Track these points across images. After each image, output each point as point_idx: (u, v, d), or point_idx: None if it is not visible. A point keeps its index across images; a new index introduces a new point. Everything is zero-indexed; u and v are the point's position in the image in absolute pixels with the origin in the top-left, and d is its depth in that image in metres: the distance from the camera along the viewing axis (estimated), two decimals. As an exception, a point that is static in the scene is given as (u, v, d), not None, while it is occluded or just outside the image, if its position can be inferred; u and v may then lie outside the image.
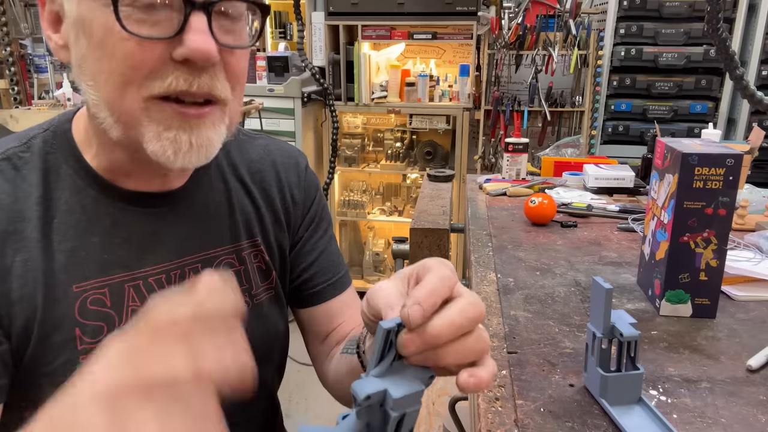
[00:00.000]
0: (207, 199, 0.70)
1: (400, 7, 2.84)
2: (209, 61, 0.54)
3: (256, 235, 0.74)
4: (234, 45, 0.57)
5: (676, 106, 2.81)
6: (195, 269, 0.68)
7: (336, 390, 0.78)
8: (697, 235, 0.77)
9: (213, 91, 0.56)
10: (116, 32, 0.52)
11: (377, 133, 3.29)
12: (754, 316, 0.83)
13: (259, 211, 0.75)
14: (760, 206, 1.29)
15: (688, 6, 2.71)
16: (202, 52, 0.53)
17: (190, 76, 0.54)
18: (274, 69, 2.85)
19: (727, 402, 0.62)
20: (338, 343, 0.79)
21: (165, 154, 0.56)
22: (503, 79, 3.11)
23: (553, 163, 1.80)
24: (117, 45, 0.53)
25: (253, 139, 0.80)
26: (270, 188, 0.77)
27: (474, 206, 1.38)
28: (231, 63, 0.58)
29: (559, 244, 1.12)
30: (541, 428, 0.58)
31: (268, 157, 0.79)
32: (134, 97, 0.54)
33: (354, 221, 3.40)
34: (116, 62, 0.53)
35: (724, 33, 0.82)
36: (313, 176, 0.83)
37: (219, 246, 0.70)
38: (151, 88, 0.54)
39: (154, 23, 0.53)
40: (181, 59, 0.53)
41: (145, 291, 0.64)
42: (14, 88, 2.56)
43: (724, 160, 0.74)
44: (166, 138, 0.55)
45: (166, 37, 0.53)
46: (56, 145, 0.63)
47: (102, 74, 0.54)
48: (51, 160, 0.62)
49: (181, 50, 0.53)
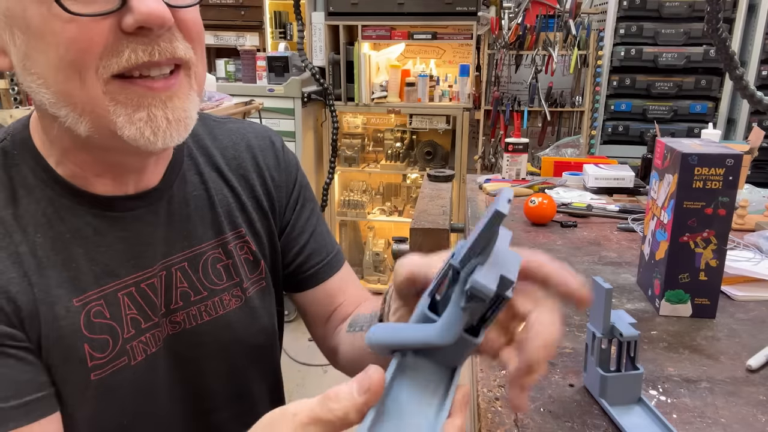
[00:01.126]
0: (185, 195, 0.67)
1: (400, 7, 2.84)
2: (165, 24, 0.50)
3: (240, 225, 0.71)
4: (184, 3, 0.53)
5: (676, 106, 2.81)
6: (181, 268, 0.65)
7: (351, 365, 0.74)
8: (697, 235, 0.77)
9: (176, 53, 0.52)
10: (55, 17, 0.48)
11: (377, 133, 3.29)
12: (753, 316, 0.83)
13: (239, 199, 0.72)
14: (760, 206, 1.29)
15: (688, 6, 2.71)
16: (155, 15, 0.48)
17: (147, 46, 0.50)
18: (274, 69, 2.85)
19: (727, 402, 0.63)
20: (343, 320, 0.77)
21: (144, 136, 0.52)
22: (503, 79, 3.11)
23: (553, 163, 1.80)
24: (60, 30, 0.48)
25: (223, 123, 0.76)
26: (248, 174, 0.73)
27: (474, 206, 1.38)
28: (186, 21, 0.53)
29: (559, 244, 1.12)
30: (541, 428, 0.58)
31: (242, 141, 0.75)
32: (93, 83, 0.50)
33: (354, 221, 3.40)
34: (63, 49, 0.48)
35: (724, 33, 0.82)
36: (291, 155, 0.79)
37: (203, 242, 0.68)
38: (108, 67, 0.50)
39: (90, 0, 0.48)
40: (132, 29, 0.49)
41: (138, 297, 0.62)
42: (14, 88, 2.56)
43: (724, 160, 0.74)
44: (139, 119, 0.51)
45: (113, 10, 0.48)
46: (17, 156, 0.58)
47: (51, 67, 0.50)
48: (15, 174, 0.58)
49: (131, 19, 0.48)
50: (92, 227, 0.59)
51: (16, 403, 0.51)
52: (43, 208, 0.57)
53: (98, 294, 0.59)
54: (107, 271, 0.60)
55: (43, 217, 0.57)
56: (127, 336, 0.60)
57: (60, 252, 0.57)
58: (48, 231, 0.57)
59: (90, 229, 0.59)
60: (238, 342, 0.70)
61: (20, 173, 0.58)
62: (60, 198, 0.58)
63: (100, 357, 0.58)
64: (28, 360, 0.54)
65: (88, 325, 0.57)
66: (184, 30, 0.54)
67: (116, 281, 0.60)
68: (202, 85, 0.59)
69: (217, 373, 0.69)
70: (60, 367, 0.56)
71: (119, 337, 0.60)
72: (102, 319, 0.59)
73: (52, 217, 0.58)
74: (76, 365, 0.57)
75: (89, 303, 0.58)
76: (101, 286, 0.59)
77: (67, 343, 0.56)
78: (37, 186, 0.58)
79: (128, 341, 0.60)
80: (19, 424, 0.51)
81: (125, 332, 0.60)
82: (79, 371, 0.57)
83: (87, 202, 0.59)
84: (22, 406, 0.52)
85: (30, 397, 0.53)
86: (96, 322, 0.58)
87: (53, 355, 0.56)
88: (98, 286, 0.59)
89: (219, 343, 0.68)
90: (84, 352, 0.57)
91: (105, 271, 0.59)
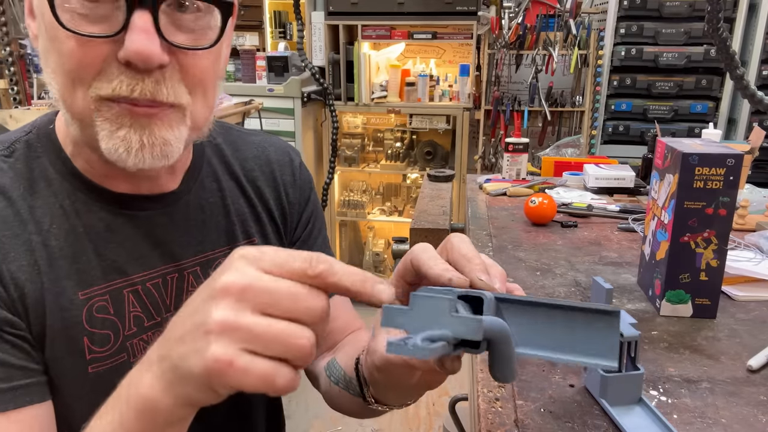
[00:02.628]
0: (200, 201, 0.68)
1: (400, 7, 2.84)
2: (150, 63, 0.50)
3: (254, 234, 0.73)
4: (185, 45, 0.52)
5: (676, 106, 2.81)
6: (194, 272, 0.66)
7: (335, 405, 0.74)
8: (698, 235, 0.77)
9: (157, 96, 0.52)
10: (59, 27, 0.49)
11: (377, 133, 3.29)
12: (754, 316, 0.83)
13: (255, 210, 0.73)
14: (761, 206, 1.29)
15: (688, 6, 2.71)
16: (141, 54, 0.49)
17: (132, 81, 0.51)
18: (273, 69, 2.85)
19: (728, 402, 0.62)
20: (329, 348, 0.77)
21: (117, 152, 0.53)
22: (503, 79, 3.11)
23: (553, 163, 1.80)
24: (63, 41, 0.50)
25: (246, 135, 0.78)
26: (265, 187, 0.75)
27: (474, 206, 1.38)
28: (186, 65, 0.53)
29: (560, 244, 1.12)
30: (541, 428, 0.58)
31: (262, 154, 0.77)
32: (83, 97, 0.52)
33: (354, 221, 3.40)
34: (65, 58, 0.51)
35: (725, 33, 0.82)
36: (307, 174, 0.81)
37: (215, 248, 0.69)
38: (98, 88, 0.51)
39: (97, 19, 0.49)
40: (124, 61, 0.50)
41: (144, 296, 0.62)
42: (14, 88, 2.55)
43: (725, 160, 0.74)
44: (117, 137, 0.52)
45: (107, 35, 0.49)
46: (40, 148, 0.61)
47: (56, 70, 0.52)
48: (36, 166, 0.60)
49: (122, 52, 0.49)
50: (105, 223, 0.61)
51: (5, 386, 0.52)
52: (60, 201, 0.59)
53: (104, 289, 0.60)
54: (115, 268, 0.61)
55: (59, 209, 0.59)
56: (128, 333, 0.61)
57: (72, 244, 0.58)
58: (63, 223, 0.59)
59: (102, 225, 0.60)
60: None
61: (41, 165, 0.60)
62: (77, 192, 0.60)
63: (99, 351, 0.59)
64: (22, 348, 0.54)
65: (90, 318, 0.58)
66: (184, 73, 0.54)
67: (123, 278, 0.61)
68: (201, 124, 0.59)
69: None
70: (62, 357, 0.57)
71: (120, 334, 0.60)
72: (105, 314, 0.60)
73: (69, 210, 0.59)
74: (75, 357, 0.58)
75: (93, 297, 0.59)
76: (107, 282, 0.60)
77: (69, 334, 0.57)
78: (56, 179, 0.60)
79: (129, 338, 0.61)
80: (7, 407, 0.51)
81: (126, 329, 0.61)
82: (78, 363, 0.58)
83: (103, 198, 0.61)
84: (9, 390, 0.52)
85: (19, 382, 0.53)
86: (98, 317, 0.59)
87: (57, 344, 0.57)
88: (105, 282, 0.60)
89: None
90: (83, 344, 0.58)
91: (113, 267, 0.61)
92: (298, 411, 2.33)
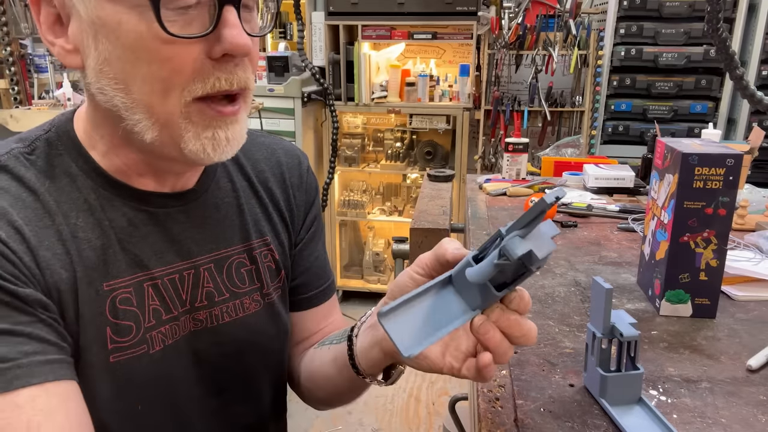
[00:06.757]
0: (216, 200, 0.71)
1: (400, 7, 2.84)
2: (248, 54, 0.55)
3: (266, 234, 0.75)
4: (257, 33, 0.59)
5: (676, 106, 2.81)
6: (208, 269, 0.68)
7: (310, 383, 0.78)
8: (697, 235, 0.77)
9: (248, 84, 0.58)
10: (153, 36, 0.51)
11: (377, 133, 3.29)
12: (754, 316, 0.83)
13: (266, 210, 0.75)
14: (760, 206, 1.29)
15: (688, 6, 2.71)
16: (242, 46, 0.53)
17: (230, 75, 0.55)
18: (274, 69, 2.85)
19: (727, 402, 0.62)
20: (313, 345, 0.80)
21: (204, 151, 0.57)
22: (503, 79, 3.12)
23: (553, 163, 1.80)
24: (155, 49, 0.52)
25: (255, 137, 0.80)
26: (275, 188, 0.77)
27: (474, 206, 1.38)
28: (252, 52, 0.58)
29: (559, 244, 1.12)
30: (541, 428, 0.58)
31: (272, 156, 0.79)
32: (176, 102, 0.54)
33: (354, 221, 3.40)
34: (156, 66, 0.53)
35: (724, 33, 0.82)
36: (313, 178, 0.83)
37: (230, 246, 0.71)
38: (193, 91, 0.54)
39: (187, 23, 0.52)
40: (219, 56, 0.53)
41: (162, 290, 0.64)
42: (14, 88, 2.55)
43: (724, 160, 0.74)
44: (205, 137, 0.57)
45: (203, 34, 0.53)
46: (61, 146, 0.62)
47: (137, 78, 0.54)
48: (58, 163, 0.61)
49: (221, 46, 0.53)
50: (127, 218, 0.63)
51: (43, 359, 0.52)
52: (85, 195, 0.61)
53: (127, 282, 0.62)
54: (137, 262, 0.63)
55: (84, 204, 0.61)
56: (147, 325, 0.63)
57: (99, 237, 0.60)
58: (88, 217, 0.61)
59: (125, 220, 0.63)
60: (254, 344, 0.73)
61: (63, 162, 0.62)
62: (99, 188, 0.62)
63: (121, 341, 0.61)
64: (56, 329, 0.56)
65: (113, 309, 0.60)
66: (250, 59, 0.58)
67: (144, 272, 0.63)
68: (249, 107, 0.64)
69: (231, 371, 0.72)
70: (88, 345, 0.59)
71: (141, 326, 0.62)
72: (128, 306, 0.62)
73: (94, 204, 0.61)
74: (99, 346, 0.59)
75: (118, 288, 0.61)
76: (131, 275, 0.62)
77: (95, 322, 0.59)
78: (79, 175, 0.62)
79: (149, 330, 0.63)
80: (47, 379, 0.52)
81: (146, 321, 0.63)
82: (100, 352, 0.59)
83: (125, 195, 0.63)
84: (46, 363, 0.53)
85: (55, 356, 0.54)
86: (121, 308, 0.61)
87: (86, 332, 0.58)
88: (128, 275, 0.62)
89: (237, 344, 0.71)
90: (105, 334, 0.60)
91: (135, 261, 0.63)
92: (299, 410, 2.33)
